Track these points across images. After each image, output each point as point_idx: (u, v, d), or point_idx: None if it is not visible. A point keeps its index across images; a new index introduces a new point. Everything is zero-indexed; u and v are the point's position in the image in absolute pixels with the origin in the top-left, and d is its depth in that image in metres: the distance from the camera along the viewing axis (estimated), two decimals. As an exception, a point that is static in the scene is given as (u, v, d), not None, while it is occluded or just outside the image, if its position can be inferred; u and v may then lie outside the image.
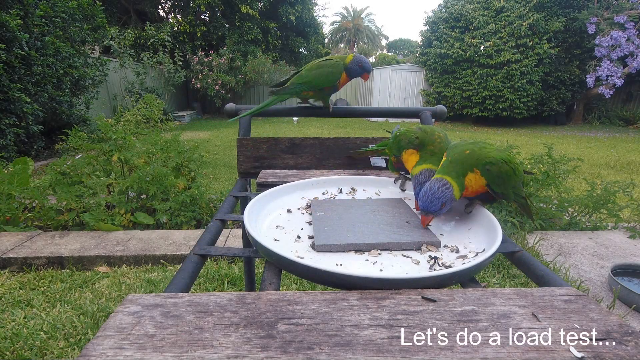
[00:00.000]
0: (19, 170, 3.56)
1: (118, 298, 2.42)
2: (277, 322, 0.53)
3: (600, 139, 11.53)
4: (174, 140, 3.95)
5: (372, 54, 40.62)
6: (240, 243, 2.99)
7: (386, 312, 0.55)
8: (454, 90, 15.23)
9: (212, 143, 8.98)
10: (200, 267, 0.77)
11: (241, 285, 2.62)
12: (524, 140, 10.93)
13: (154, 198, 3.51)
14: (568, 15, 14.07)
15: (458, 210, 1.03)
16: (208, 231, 0.91)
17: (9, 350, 1.90)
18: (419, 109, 1.66)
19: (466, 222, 0.95)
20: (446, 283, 0.66)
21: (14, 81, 5.61)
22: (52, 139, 7.02)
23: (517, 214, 3.50)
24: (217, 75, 14.34)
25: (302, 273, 0.67)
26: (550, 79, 14.83)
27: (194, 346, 0.48)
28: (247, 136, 1.58)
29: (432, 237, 0.82)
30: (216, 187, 4.99)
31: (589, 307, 0.57)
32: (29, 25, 6.03)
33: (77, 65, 7.17)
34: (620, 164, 7.42)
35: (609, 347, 0.49)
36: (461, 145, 0.92)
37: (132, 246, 2.98)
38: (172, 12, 17.98)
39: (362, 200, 1.08)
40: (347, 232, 0.85)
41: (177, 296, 0.59)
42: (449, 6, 15.38)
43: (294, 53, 20.34)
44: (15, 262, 2.78)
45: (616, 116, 15.72)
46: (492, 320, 0.54)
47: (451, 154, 0.91)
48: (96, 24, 8.14)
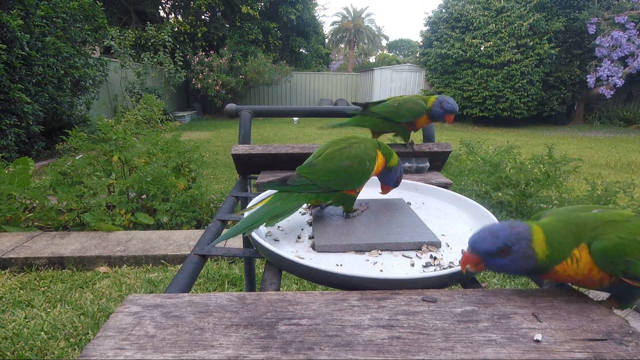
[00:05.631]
0: (20, 171, 3.56)
1: (118, 298, 2.42)
2: (278, 322, 0.53)
3: (601, 139, 11.52)
4: (174, 140, 3.95)
5: (373, 54, 40.63)
6: (240, 243, 2.99)
7: (386, 312, 0.55)
8: (455, 90, 15.22)
9: (213, 143, 8.98)
10: (201, 267, 0.77)
11: (241, 285, 2.62)
12: (524, 140, 10.92)
13: (154, 198, 3.51)
14: (568, 15, 14.07)
15: (459, 210, 1.03)
16: (208, 231, 0.91)
17: (10, 351, 1.90)
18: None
19: (466, 222, 0.95)
20: (446, 283, 0.66)
21: (15, 81, 5.62)
22: (52, 139, 7.02)
23: (517, 214, 3.50)
24: (218, 76, 14.35)
25: (303, 273, 0.67)
26: (550, 79, 14.83)
27: (194, 346, 0.48)
28: (247, 138, 1.58)
29: (432, 237, 0.82)
30: (216, 187, 4.99)
31: (589, 308, 0.57)
32: (30, 25, 6.03)
33: (77, 65, 7.18)
34: (620, 164, 7.41)
35: (609, 347, 0.49)
36: (579, 210, 0.63)
37: (133, 246, 2.98)
38: (172, 13, 18.00)
39: (362, 200, 1.08)
40: (347, 233, 0.85)
41: (177, 296, 0.59)
42: (450, 6, 15.37)
43: (295, 53, 20.36)
44: (16, 263, 2.78)
45: (617, 116, 15.71)
46: (493, 320, 0.54)
47: (561, 213, 0.63)
48: (97, 25, 8.14)
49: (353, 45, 37.07)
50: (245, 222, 0.77)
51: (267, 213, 0.80)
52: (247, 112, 1.62)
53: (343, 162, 0.88)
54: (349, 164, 0.89)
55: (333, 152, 0.90)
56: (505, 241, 0.57)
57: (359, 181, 0.91)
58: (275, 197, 0.85)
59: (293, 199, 0.85)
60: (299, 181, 0.86)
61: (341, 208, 0.96)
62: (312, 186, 0.87)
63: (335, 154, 0.90)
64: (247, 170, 1.46)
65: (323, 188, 0.87)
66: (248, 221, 0.78)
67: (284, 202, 0.84)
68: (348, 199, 0.93)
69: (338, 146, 0.92)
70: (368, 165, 0.92)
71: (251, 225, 0.77)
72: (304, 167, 0.90)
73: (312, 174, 0.87)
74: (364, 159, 0.91)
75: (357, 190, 0.94)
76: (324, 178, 0.87)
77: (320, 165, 0.88)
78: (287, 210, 0.82)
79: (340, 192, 0.90)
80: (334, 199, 0.91)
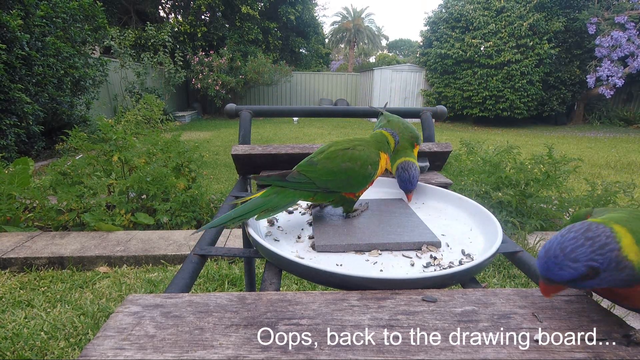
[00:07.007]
0: (20, 171, 3.56)
1: (118, 298, 2.42)
2: (278, 322, 0.53)
3: (601, 139, 11.52)
4: (174, 140, 3.95)
5: (373, 54, 40.62)
6: (240, 243, 2.99)
7: (386, 312, 0.55)
8: (455, 90, 15.22)
9: (213, 143, 8.98)
10: (201, 267, 0.77)
11: (241, 285, 2.62)
12: (524, 140, 10.92)
13: (154, 198, 3.51)
14: (568, 15, 14.07)
15: (459, 211, 1.03)
16: (208, 232, 0.91)
17: (10, 351, 1.90)
18: (419, 109, 1.65)
19: (466, 222, 0.95)
20: (446, 283, 0.66)
21: (15, 81, 5.62)
22: (52, 139, 7.02)
23: (517, 214, 3.50)
24: (218, 76, 14.35)
25: (303, 273, 0.67)
26: (550, 79, 14.83)
27: (194, 346, 0.48)
28: (247, 138, 1.57)
29: (432, 237, 0.82)
30: (216, 187, 4.99)
31: (589, 308, 0.57)
32: (30, 25, 6.03)
33: (77, 65, 7.17)
34: (620, 164, 7.41)
35: (609, 347, 0.49)
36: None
37: (133, 246, 2.98)
38: (172, 13, 18.00)
39: (362, 200, 1.08)
40: (347, 233, 0.84)
41: (177, 296, 0.59)
42: (449, 6, 15.38)
43: (294, 53, 20.36)
44: (16, 262, 2.78)
45: (616, 116, 15.71)
46: (493, 320, 0.54)
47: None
48: (97, 25, 8.14)
49: (353, 45, 37.06)
50: (237, 212, 0.77)
51: (259, 206, 0.79)
52: (247, 112, 1.61)
53: (344, 163, 0.86)
54: (350, 165, 0.86)
55: (335, 152, 0.88)
56: (589, 263, 0.45)
57: (358, 185, 0.89)
58: (270, 191, 0.83)
59: (288, 194, 0.82)
60: (297, 178, 0.84)
61: (341, 208, 0.96)
62: (310, 185, 0.84)
63: (338, 153, 0.88)
64: (247, 171, 1.46)
65: (321, 188, 0.85)
66: (239, 211, 0.77)
67: (278, 196, 0.82)
68: (347, 201, 0.90)
69: (341, 146, 0.90)
70: (370, 169, 0.89)
71: (242, 216, 0.76)
72: (305, 164, 0.87)
73: (312, 172, 0.85)
74: (366, 162, 0.88)
75: (356, 194, 0.91)
76: (323, 178, 0.85)
77: (321, 164, 0.86)
78: (280, 205, 0.81)
79: (339, 193, 0.88)
80: (332, 200, 0.89)
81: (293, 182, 0.83)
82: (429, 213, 1.02)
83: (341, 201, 0.90)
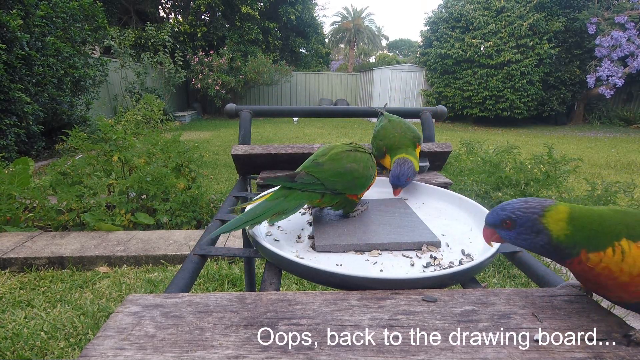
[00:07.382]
0: (20, 171, 3.56)
1: (118, 298, 2.42)
2: (278, 322, 0.53)
3: (601, 139, 11.52)
4: (174, 140, 3.95)
5: (373, 54, 40.62)
6: (240, 243, 2.99)
7: (386, 312, 0.55)
8: (454, 90, 15.23)
9: (213, 143, 8.99)
10: (201, 267, 0.77)
11: (241, 285, 2.62)
12: (524, 140, 10.93)
13: (154, 198, 3.51)
14: (568, 15, 14.08)
15: (459, 210, 1.03)
16: (208, 231, 0.91)
17: (10, 351, 1.90)
18: (419, 109, 1.65)
19: (466, 222, 0.95)
20: (446, 283, 0.66)
21: (15, 81, 5.62)
22: (52, 139, 7.02)
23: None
24: (218, 76, 14.35)
25: (303, 273, 0.67)
26: (550, 79, 14.84)
27: (194, 346, 0.48)
28: (247, 138, 1.57)
29: (432, 237, 0.82)
30: (216, 187, 4.99)
31: (589, 308, 0.57)
32: (30, 25, 6.04)
33: (77, 65, 7.17)
34: (620, 164, 7.41)
35: (609, 347, 0.49)
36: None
37: (133, 246, 2.98)
38: (172, 13, 18.00)
39: (362, 200, 1.08)
40: (347, 233, 0.84)
41: (177, 296, 0.59)
42: (450, 6, 15.38)
43: (295, 53, 20.36)
44: (16, 262, 2.78)
45: (616, 116, 15.71)
46: (493, 320, 0.54)
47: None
48: (97, 25, 8.15)
49: (353, 45, 37.05)
50: (247, 216, 0.75)
51: (269, 209, 0.78)
52: (247, 112, 1.61)
53: (350, 164, 0.88)
54: (355, 166, 0.88)
55: (339, 154, 0.89)
56: (509, 213, 0.56)
57: (362, 186, 0.91)
58: (277, 194, 0.82)
59: (296, 197, 0.82)
60: (306, 179, 0.83)
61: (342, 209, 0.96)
62: (319, 186, 0.84)
63: (342, 155, 0.89)
64: (247, 171, 1.46)
65: (329, 189, 0.85)
66: (249, 215, 0.76)
67: (286, 199, 0.81)
68: (349, 203, 0.92)
69: (343, 148, 0.91)
70: (371, 171, 0.93)
71: (252, 220, 0.75)
72: (312, 166, 0.87)
73: (320, 172, 0.85)
74: (367, 164, 0.92)
75: (358, 196, 0.93)
76: (331, 179, 0.85)
77: (327, 165, 0.87)
78: (290, 209, 0.80)
79: (343, 195, 0.89)
80: (337, 202, 0.89)
81: (302, 183, 0.83)
82: (429, 213, 1.02)
83: (344, 203, 0.91)
